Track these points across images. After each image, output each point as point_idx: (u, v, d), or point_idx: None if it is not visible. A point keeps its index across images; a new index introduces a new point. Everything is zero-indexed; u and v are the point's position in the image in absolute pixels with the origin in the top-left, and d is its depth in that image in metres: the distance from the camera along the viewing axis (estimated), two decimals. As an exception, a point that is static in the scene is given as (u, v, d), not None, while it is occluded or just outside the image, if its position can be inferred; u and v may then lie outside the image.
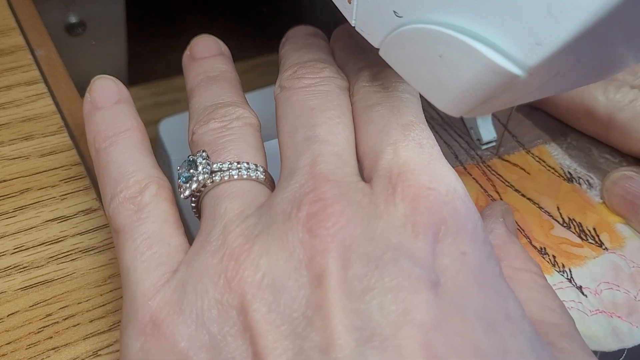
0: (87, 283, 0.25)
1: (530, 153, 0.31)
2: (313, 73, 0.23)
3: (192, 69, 0.26)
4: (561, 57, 0.17)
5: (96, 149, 0.23)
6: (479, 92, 0.20)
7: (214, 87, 0.25)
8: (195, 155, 0.22)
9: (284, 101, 0.23)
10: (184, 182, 0.22)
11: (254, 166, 0.22)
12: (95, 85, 0.25)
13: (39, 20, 0.35)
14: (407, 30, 0.21)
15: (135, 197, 0.22)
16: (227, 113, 0.23)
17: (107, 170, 0.23)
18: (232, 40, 0.53)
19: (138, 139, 0.24)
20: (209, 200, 0.21)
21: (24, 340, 0.23)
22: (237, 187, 0.21)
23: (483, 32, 0.18)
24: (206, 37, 0.27)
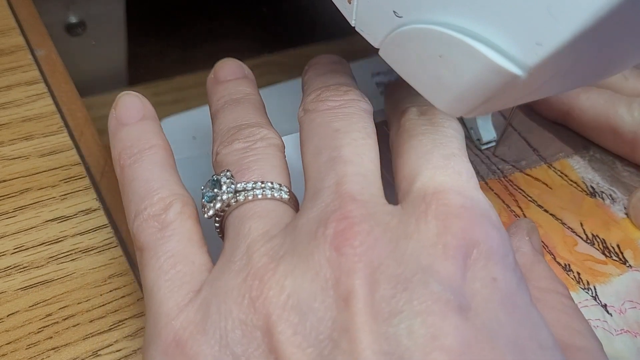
0: (87, 283, 0.25)
1: (552, 167, 0.31)
2: (337, 96, 0.23)
3: (216, 92, 0.26)
4: (561, 57, 0.17)
5: (121, 166, 0.23)
6: (479, 92, 0.20)
7: (238, 109, 0.25)
8: (219, 175, 0.22)
9: (307, 123, 0.23)
10: (207, 201, 0.22)
11: (277, 186, 0.21)
12: (121, 102, 0.25)
13: (39, 20, 0.35)
14: (407, 30, 0.21)
15: (160, 215, 0.21)
16: (251, 134, 0.23)
17: (132, 187, 0.22)
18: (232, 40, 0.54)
19: (163, 157, 0.24)
20: (233, 220, 0.21)
21: (24, 340, 0.23)
22: (261, 206, 0.21)
23: (483, 32, 0.18)
24: (230, 60, 0.27)
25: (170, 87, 0.46)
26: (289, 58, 0.49)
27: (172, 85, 0.46)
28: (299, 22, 0.53)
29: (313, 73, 0.26)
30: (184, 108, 0.40)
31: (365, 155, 0.21)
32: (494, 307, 0.18)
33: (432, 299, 0.17)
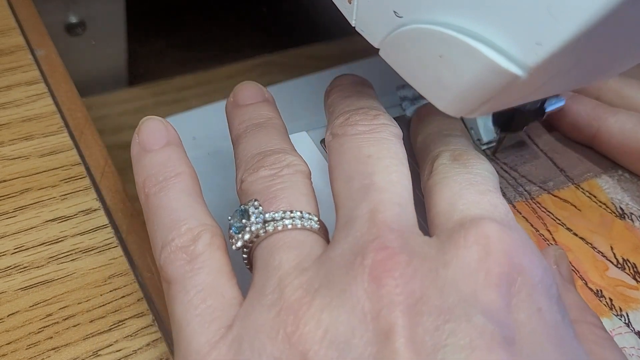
0: (87, 283, 0.25)
1: (580, 188, 0.30)
2: (367, 120, 0.22)
3: (237, 116, 0.25)
4: (561, 57, 0.17)
5: (146, 194, 0.23)
6: (480, 92, 0.20)
7: (261, 134, 0.24)
8: (247, 205, 0.21)
9: (337, 148, 0.22)
10: (236, 232, 0.21)
11: (307, 215, 0.21)
12: (144, 127, 0.24)
13: (39, 20, 0.35)
14: (408, 30, 0.21)
15: (188, 246, 0.21)
16: (277, 160, 0.22)
17: (158, 217, 0.22)
18: (232, 40, 0.54)
19: (189, 184, 0.23)
20: (262, 251, 0.20)
21: (24, 341, 0.23)
22: (291, 237, 0.20)
23: (483, 32, 0.18)
24: (249, 83, 0.27)
25: (170, 87, 0.46)
26: (289, 58, 0.49)
27: (172, 85, 0.46)
28: (299, 22, 0.53)
29: (337, 95, 0.25)
30: (184, 108, 0.40)
31: (399, 183, 0.21)
32: (539, 340, 0.18)
33: (477, 332, 0.17)
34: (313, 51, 0.50)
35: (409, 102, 0.30)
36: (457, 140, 0.25)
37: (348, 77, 0.27)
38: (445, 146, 0.24)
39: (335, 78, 0.28)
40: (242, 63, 0.48)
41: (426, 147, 0.25)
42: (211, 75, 0.47)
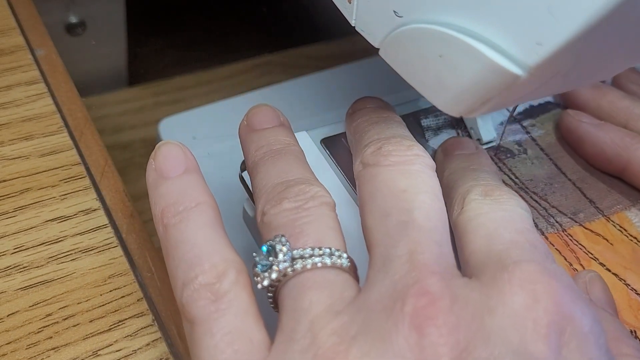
0: (87, 283, 0.25)
1: (611, 220, 0.29)
2: (400, 150, 0.22)
3: (253, 141, 0.24)
4: (562, 57, 0.17)
5: (164, 225, 0.21)
6: (480, 92, 0.20)
7: (281, 162, 0.23)
8: (273, 241, 0.20)
9: (369, 179, 0.21)
10: (262, 270, 0.20)
11: (337, 252, 0.20)
12: (160, 152, 0.23)
13: (39, 20, 0.35)
14: (408, 30, 0.21)
15: (213, 284, 0.19)
16: (301, 192, 0.21)
17: (178, 251, 0.20)
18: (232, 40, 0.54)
19: (211, 216, 0.21)
20: (289, 291, 0.19)
21: (23, 340, 0.23)
22: (321, 276, 0.19)
23: (483, 32, 0.18)
24: (264, 106, 0.25)
25: (170, 87, 0.46)
26: (289, 58, 0.49)
27: (172, 85, 0.46)
28: (299, 22, 0.53)
29: (363, 120, 0.25)
30: (184, 108, 0.40)
31: (438, 220, 0.20)
32: None
33: None
34: (313, 51, 0.50)
35: (433, 132, 0.30)
36: (486, 175, 0.24)
37: (372, 101, 0.26)
38: (475, 181, 0.23)
39: (357, 101, 0.27)
40: (242, 63, 0.48)
41: (454, 182, 0.24)
42: (211, 75, 0.47)
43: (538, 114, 0.32)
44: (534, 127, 0.31)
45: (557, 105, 0.33)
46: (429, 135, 0.29)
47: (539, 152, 0.30)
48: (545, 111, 0.32)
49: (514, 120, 0.32)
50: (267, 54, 0.49)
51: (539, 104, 0.33)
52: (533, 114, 0.32)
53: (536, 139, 0.31)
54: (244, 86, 0.46)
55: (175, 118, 0.39)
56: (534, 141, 0.31)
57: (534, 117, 0.32)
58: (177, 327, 0.24)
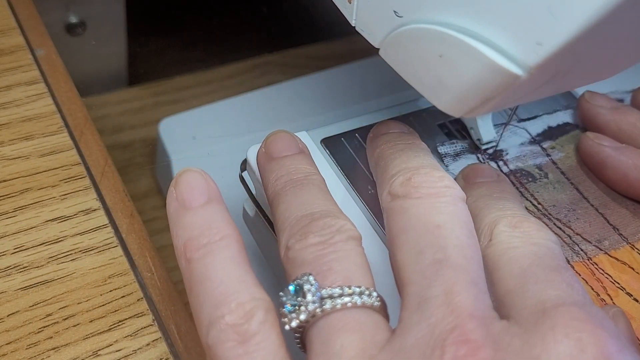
0: (87, 283, 0.25)
1: (635, 248, 0.28)
2: (431, 182, 0.21)
3: (272, 170, 0.24)
4: (562, 56, 0.17)
5: (187, 259, 0.20)
6: (480, 92, 0.20)
7: (303, 193, 0.22)
8: (301, 280, 0.19)
9: (400, 212, 0.21)
10: (289, 311, 0.19)
11: (366, 291, 0.19)
12: (182, 180, 0.22)
13: (39, 20, 0.35)
14: (408, 30, 0.21)
15: (241, 325, 0.18)
16: (326, 225, 0.20)
17: (203, 288, 0.20)
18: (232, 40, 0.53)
19: (236, 250, 0.21)
20: (318, 332, 0.19)
21: (24, 340, 0.23)
22: (351, 317, 0.18)
23: (483, 32, 0.18)
24: (282, 133, 0.25)
25: (170, 87, 0.46)
26: (289, 58, 0.49)
27: (172, 85, 0.46)
28: (299, 22, 0.53)
29: (388, 147, 0.24)
30: (184, 108, 0.40)
31: (474, 259, 0.19)
32: None
33: None
34: (313, 51, 0.50)
35: (451, 159, 0.29)
36: (511, 204, 0.23)
37: (394, 125, 0.26)
38: (501, 211, 0.23)
39: (379, 125, 0.26)
40: (242, 63, 0.48)
41: (479, 211, 0.23)
42: (211, 75, 0.47)
43: (557, 136, 0.31)
44: (554, 150, 0.31)
45: (576, 127, 0.32)
46: (447, 162, 0.29)
47: (560, 176, 0.30)
48: (564, 132, 0.32)
49: (533, 142, 0.31)
50: (267, 54, 0.49)
51: (558, 124, 0.32)
52: (552, 135, 0.31)
53: (557, 162, 0.30)
54: (244, 86, 0.46)
55: (175, 118, 0.39)
56: (554, 164, 0.30)
57: (554, 138, 0.31)
58: (176, 327, 0.24)
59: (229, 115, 0.40)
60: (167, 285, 0.26)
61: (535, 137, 0.31)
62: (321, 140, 0.29)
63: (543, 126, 0.32)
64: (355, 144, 0.29)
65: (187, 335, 0.24)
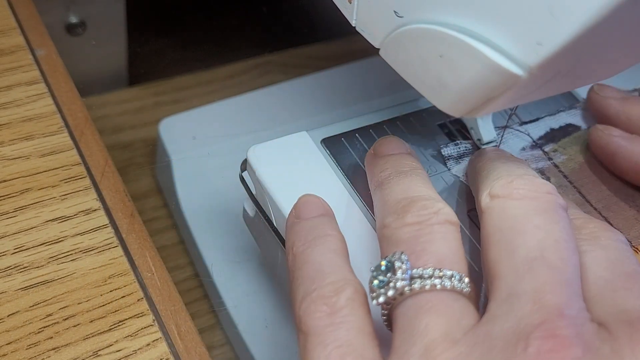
0: (87, 283, 0.25)
1: (639, 251, 0.27)
2: (534, 187, 0.21)
3: (378, 164, 0.25)
4: (562, 57, 0.17)
5: (294, 254, 0.22)
6: (480, 92, 0.20)
7: (406, 180, 0.23)
8: (393, 257, 0.20)
9: (498, 211, 0.21)
10: (378, 286, 0.20)
11: (458, 276, 0.19)
12: (301, 200, 0.24)
13: (39, 20, 0.35)
14: (408, 30, 0.21)
15: (330, 297, 0.19)
16: (425, 207, 0.21)
17: (303, 270, 0.21)
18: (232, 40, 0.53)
19: (338, 245, 0.22)
20: (406, 310, 0.19)
21: (24, 341, 0.23)
22: (439, 299, 0.19)
23: (484, 32, 0.18)
24: (392, 137, 0.26)
25: (170, 87, 0.46)
26: (289, 58, 0.49)
27: (172, 85, 0.46)
28: (299, 22, 0.53)
29: (490, 159, 0.24)
30: (184, 108, 0.40)
31: (570, 261, 0.19)
32: None
33: None
34: (313, 51, 0.50)
35: (454, 161, 0.29)
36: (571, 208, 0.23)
37: (496, 150, 0.26)
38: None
39: (483, 150, 0.27)
40: (242, 63, 0.48)
41: None
42: (211, 75, 0.47)
43: (560, 138, 0.31)
44: (556, 153, 0.30)
45: (579, 128, 0.32)
46: (450, 164, 0.29)
47: (562, 180, 0.29)
48: (566, 134, 0.31)
49: (535, 146, 0.31)
50: (267, 54, 0.49)
51: (560, 126, 0.32)
52: (554, 138, 0.31)
53: (559, 166, 0.30)
54: (244, 86, 0.46)
55: (175, 118, 0.39)
56: (556, 168, 0.30)
57: (556, 141, 0.31)
58: (177, 327, 0.24)
59: (229, 115, 0.40)
60: (167, 286, 0.26)
61: (537, 141, 0.31)
62: (321, 140, 0.29)
63: (545, 128, 0.32)
64: (355, 144, 0.29)
65: (188, 335, 0.24)
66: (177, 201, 0.37)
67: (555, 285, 0.18)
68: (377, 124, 0.30)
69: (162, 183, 0.40)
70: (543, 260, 0.19)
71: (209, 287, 0.35)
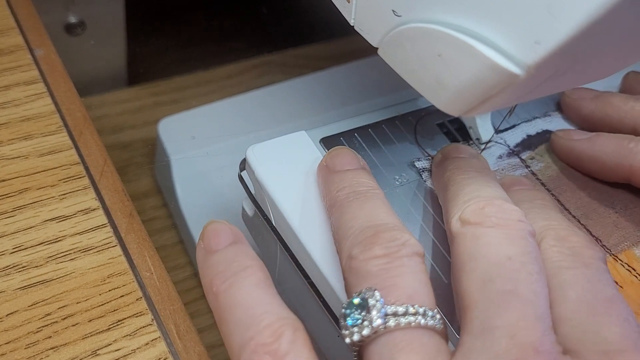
0: (85, 283, 0.25)
1: (619, 260, 0.27)
2: (505, 214, 0.21)
3: (334, 181, 0.24)
4: (560, 56, 0.17)
5: (214, 293, 0.21)
6: (478, 91, 0.20)
7: (368, 205, 0.22)
8: (365, 294, 0.19)
9: (472, 239, 0.21)
10: (352, 324, 0.19)
11: (430, 312, 0.19)
12: (207, 231, 0.23)
13: (38, 20, 0.35)
14: (406, 29, 0.21)
15: (271, 345, 0.19)
16: (392, 238, 0.20)
17: (232, 315, 0.20)
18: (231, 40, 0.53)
19: (260, 277, 0.21)
20: (379, 349, 0.19)
21: (23, 340, 0.23)
22: (413, 337, 0.19)
23: (482, 31, 0.18)
24: (344, 149, 0.26)
25: (170, 87, 0.46)
26: (289, 58, 0.49)
27: (172, 85, 0.46)
28: (299, 22, 0.53)
29: (459, 173, 0.24)
30: (183, 108, 0.40)
31: (542, 295, 0.19)
32: None
33: None
34: (313, 51, 0.50)
35: (429, 174, 0.29)
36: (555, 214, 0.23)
37: (461, 149, 0.26)
38: (546, 221, 0.23)
39: (447, 148, 0.26)
40: (241, 63, 0.48)
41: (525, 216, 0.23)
42: (211, 75, 0.47)
43: (537, 145, 0.31)
44: (533, 160, 0.30)
45: None
46: (426, 176, 0.29)
47: (540, 188, 0.29)
48: (543, 141, 0.31)
49: (512, 154, 0.30)
50: (266, 54, 0.49)
51: (537, 132, 0.31)
52: (531, 144, 0.31)
53: (537, 174, 0.30)
54: (243, 86, 0.46)
55: (175, 118, 0.39)
56: (534, 176, 0.30)
57: (532, 148, 0.31)
58: (175, 326, 0.24)
59: (228, 115, 0.40)
60: (166, 285, 0.26)
61: (513, 148, 0.31)
62: (320, 139, 0.29)
63: (522, 135, 0.31)
64: (354, 144, 0.29)
65: (186, 334, 0.24)
66: (176, 201, 0.37)
67: (529, 321, 0.18)
68: (376, 123, 0.30)
69: (161, 183, 0.40)
70: (517, 294, 0.19)
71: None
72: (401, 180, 0.28)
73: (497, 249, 0.20)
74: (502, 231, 0.20)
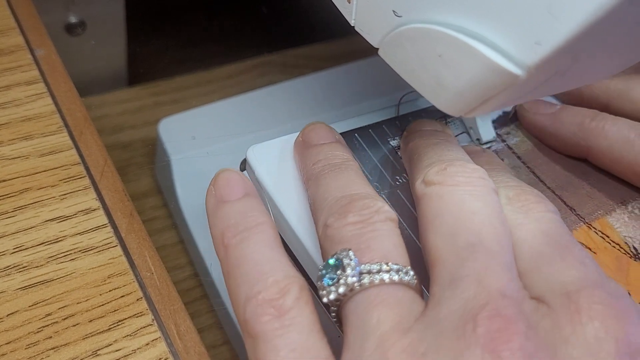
0: (86, 283, 0.25)
1: (592, 227, 0.28)
2: (466, 172, 0.22)
3: (309, 155, 0.25)
4: (561, 56, 0.17)
5: (225, 245, 0.21)
6: (479, 91, 0.20)
7: (342, 176, 0.23)
8: (340, 255, 0.20)
9: (435, 198, 0.21)
10: (328, 284, 0.20)
11: (404, 269, 0.19)
12: (220, 178, 0.24)
13: (38, 20, 0.35)
14: (407, 29, 0.21)
15: (276, 300, 0.19)
16: (365, 206, 0.21)
17: (240, 269, 0.21)
18: (231, 40, 0.53)
19: (271, 235, 0.22)
20: (355, 306, 0.19)
21: (23, 340, 0.23)
22: (389, 292, 0.19)
23: (482, 31, 0.18)
24: (319, 124, 0.26)
25: (170, 87, 0.46)
26: (289, 58, 0.49)
27: (172, 85, 0.46)
28: (299, 22, 0.53)
29: (422, 142, 0.25)
30: (183, 108, 0.40)
31: (506, 245, 0.20)
32: None
33: None
34: (313, 51, 0.50)
35: None
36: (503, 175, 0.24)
37: (426, 123, 0.26)
38: (496, 183, 0.23)
39: (413, 123, 0.27)
40: (241, 63, 0.48)
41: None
42: (211, 75, 0.47)
43: (512, 121, 0.31)
44: (509, 135, 0.31)
45: None
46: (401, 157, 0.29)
47: (516, 161, 0.30)
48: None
49: None
50: (266, 54, 0.49)
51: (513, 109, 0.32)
52: (507, 121, 0.31)
53: (512, 147, 0.30)
54: (243, 86, 0.46)
55: (175, 118, 0.39)
56: (510, 149, 0.30)
57: (508, 124, 0.31)
58: (176, 326, 0.24)
59: (228, 115, 0.40)
60: (166, 285, 0.26)
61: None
62: (320, 140, 0.29)
63: (498, 112, 0.32)
64: (354, 144, 0.29)
65: (187, 335, 0.24)
66: (176, 201, 0.37)
67: (494, 269, 0.19)
68: (376, 123, 0.30)
69: (162, 183, 0.40)
70: (482, 245, 0.19)
71: (209, 286, 0.35)
72: (402, 180, 0.28)
73: (461, 205, 0.21)
74: (464, 188, 0.21)
